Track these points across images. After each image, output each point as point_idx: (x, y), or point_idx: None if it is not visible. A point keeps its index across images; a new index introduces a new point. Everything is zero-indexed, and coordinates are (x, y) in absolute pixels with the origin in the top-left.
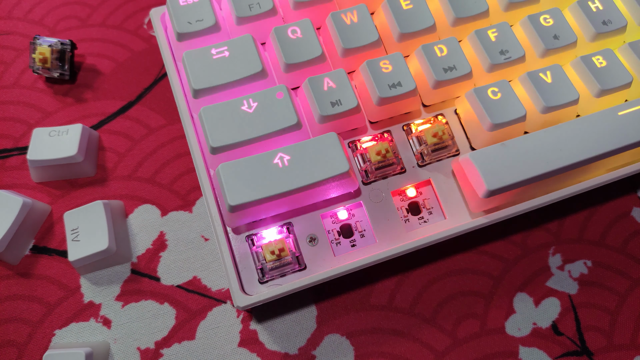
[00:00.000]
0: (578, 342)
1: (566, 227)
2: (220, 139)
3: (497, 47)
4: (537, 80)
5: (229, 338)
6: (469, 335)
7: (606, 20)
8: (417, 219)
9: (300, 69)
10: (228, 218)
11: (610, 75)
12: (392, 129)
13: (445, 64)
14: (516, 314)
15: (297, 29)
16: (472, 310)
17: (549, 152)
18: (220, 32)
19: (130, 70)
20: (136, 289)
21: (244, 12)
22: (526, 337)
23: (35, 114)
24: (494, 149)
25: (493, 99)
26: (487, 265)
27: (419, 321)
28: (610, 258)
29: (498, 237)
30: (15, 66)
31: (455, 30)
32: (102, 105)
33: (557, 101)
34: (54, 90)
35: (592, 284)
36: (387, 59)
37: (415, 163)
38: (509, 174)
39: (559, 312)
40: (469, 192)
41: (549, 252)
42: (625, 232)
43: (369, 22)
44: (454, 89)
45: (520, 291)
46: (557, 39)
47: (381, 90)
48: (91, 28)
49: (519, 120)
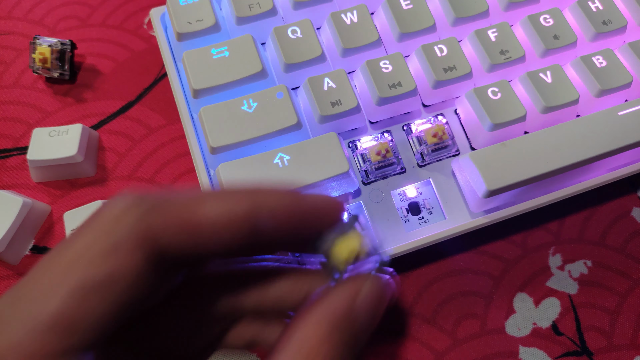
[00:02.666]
0: (578, 342)
1: (566, 227)
2: (220, 139)
3: (497, 47)
4: (537, 80)
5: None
6: (469, 335)
7: (606, 20)
8: (417, 219)
9: (300, 69)
10: None
11: (610, 75)
12: (392, 129)
13: (445, 64)
14: (516, 314)
15: (297, 29)
16: (472, 310)
17: (549, 152)
18: (220, 32)
19: (130, 70)
20: None
21: (244, 12)
22: (526, 337)
23: (35, 114)
24: (494, 149)
25: (493, 99)
26: (487, 265)
27: (419, 321)
28: (610, 258)
29: (498, 237)
30: (15, 66)
31: (455, 30)
32: (102, 105)
33: (557, 101)
34: (54, 90)
35: (592, 284)
36: (387, 59)
37: (415, 163)
38: (509, 174)
39: (559, 312)
40: (469, 192)
41: (549, 252)
42: (626, 232)
43: (369, 22)
44: (454, 89)
45: (520, 291)
46: (557, 38)
47: (381, 90)
48: (91, 28)
49: (519, 120)
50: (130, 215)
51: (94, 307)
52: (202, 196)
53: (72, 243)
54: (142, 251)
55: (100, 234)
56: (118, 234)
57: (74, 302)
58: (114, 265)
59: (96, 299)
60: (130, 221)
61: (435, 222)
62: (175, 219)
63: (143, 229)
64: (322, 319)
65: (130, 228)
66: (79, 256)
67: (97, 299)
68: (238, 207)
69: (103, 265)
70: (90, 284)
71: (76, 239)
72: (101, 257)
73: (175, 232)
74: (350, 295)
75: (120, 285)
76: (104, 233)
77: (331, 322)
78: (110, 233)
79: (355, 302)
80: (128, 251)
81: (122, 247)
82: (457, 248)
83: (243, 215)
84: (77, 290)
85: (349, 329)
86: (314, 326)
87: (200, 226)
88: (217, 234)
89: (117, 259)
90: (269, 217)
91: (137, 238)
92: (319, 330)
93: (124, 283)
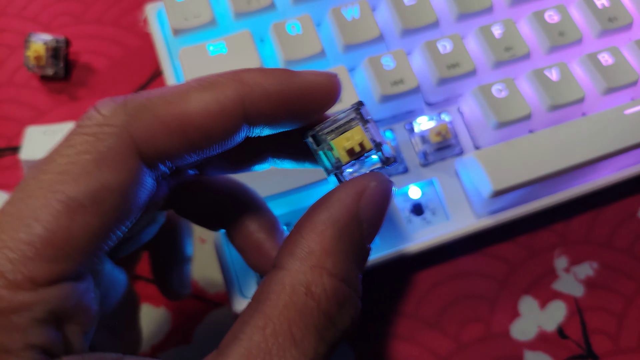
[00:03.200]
0: (584, 345)
1: (572, 228)
2: None
3: (502, 43)
4: (542, 78)
5: None
6: (473, 339)
7: (612, 17)
8: (420, 219)
9: (300, 66)
10: None
11: (616, 73)
12: (394, 127)
13: (448, 60)
14: (521, 317)
15: (296, 25)
16: (476, 314)
17: (555, 152)
18: (217, 28)
19: (126, 68)
20: None
21: (242, 7)
22: (531, 341)
23: (28, 113)
24: (500, 148)
25: (498, 97)
26: (492, 267)
27: (422, 325)
28: (617, 260)
29: (503, 238)
30: (9, 64)
31: (459, 26)
32: None
33: (562, 99)
34: (48, 88)
35: (599, 286)
36: (389, 56)
37: (418, 162)
38: (515, 174)
39: (565, 315)
40: (474, 193)
41: (554, 254)
42: (633, 234)
43: (370, 18)
44: (458, 86)
45: (525, 294)
46: (562, 35)
47: (383, 87)
48: (86, 25)
49: (524, 118)
50: (115, 120)
51: (87, 226)
52: (186, 88)
53: (55, 157)
54: (133, 157)
55: (85, 144)
56: (105, 142)
57: (63, 222)
58: (105, 176)
59: (88, 216)
60: (116, 127)
61: (438, 223)
62: (162, 117)
63: (131, 133)
64: (325, 229)
65: (117, 134)
66: (63, 170)
67: (89, 216)
68: (227, 91)
69: (93, 178)
70: (81, 199)
71: (59, 152)
72: (89, 169)
73: (164, 131)
74: (354, 200)
75: (114, 196)
76: (89, 143)
77: (335, 234)
78: (96, 142)
79: (359, 208)
80: (119, 159)
81: (112, 156)
82: (460, 250)
83: (233, 98)
84: (65, 209)
85: (354, 237)
86: (318, 237)
87: (190, 120)
88: (208, 126)
89: (108, 168)
90: (260, 98)
91: (127, 144)
92: (323, 243)
93: (119, 194)
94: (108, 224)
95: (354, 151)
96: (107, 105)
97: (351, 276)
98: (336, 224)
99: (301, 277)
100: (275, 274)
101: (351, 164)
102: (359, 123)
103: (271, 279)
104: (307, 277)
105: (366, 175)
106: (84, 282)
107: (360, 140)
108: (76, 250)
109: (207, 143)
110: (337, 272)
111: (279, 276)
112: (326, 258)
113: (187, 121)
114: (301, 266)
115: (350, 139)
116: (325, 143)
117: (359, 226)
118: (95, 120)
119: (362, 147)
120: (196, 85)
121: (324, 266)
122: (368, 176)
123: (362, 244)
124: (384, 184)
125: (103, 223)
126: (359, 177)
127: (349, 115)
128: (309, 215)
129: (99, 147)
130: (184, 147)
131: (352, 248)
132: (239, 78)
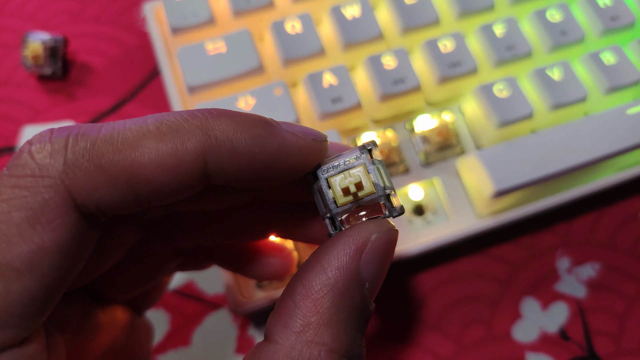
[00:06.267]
0: (586, 347)
1: (574, 229)
2: None
3: (504, 42)
4: (544, 77)
5: (226, 344)
6: (474, 341)
7: (614, 16)
8: (421, 220)
9: (300, 64)
10: None
11: (619, 72)
12: (395, 127)
13: (450, 59)
14: (523, 319)
15: (296, 23)
16: (477, 315)
17: (557, 152)
18: (216, 27)
19: (124, 67)
20: None
21: (241, 5)
22: (533, 343)
23: (26, 112)
24: (501, 148)
25: (499, 96)
26: (493, 268)
27: (423, 326)
28: (619, 261)
29: (504, 239)
30: (6, 63)
31: (460, 24)
32: (95, 102)
33: (565, 98)
34: (46, 88)
35: (601, 287)
36: (390, 55)
37: (419, 162)
38: (517, 174)
39: (567, 316)
40: (476, 193)
41: (556, 255)
42: (635, 234)
43: (370, 16)
44: (459, 85)
45: (527, 295)
46: (564, 34)
47: (383, 86)
48: (84, 24)
49: (525, 118)
50: (50, 170)
51: (25, 291)
52: (142, 133)
53: None
54: (71, 212)
55: (16, 200)
56: (39, 196)
57: None
58: (41, 236)
59: (26, 281)
60: (51, 179)
61: (439, 224)
62: (107, 168)
63: (68, 185)
64: (322, 296)
65: (53, 187)
66: None
67: (27, 281)
68: (188, 143)
69: (27, 239)
70: (16, 265)
71: None
72: (22, 229)
73: (108, 184)
74: (353, 259)
75: (52, 257)
76: (21, 198)
77: (334, 301)
78: (28, 197)
79: (359, 266)
80: (54, 215)
81: (47, 212)
82: (462, 251)
83: (194, 153)
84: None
85: (355, 302)
86: (314, 306)
87: (139, 172)
88: (161, 182)
89: (42, 227)
90: (227, 156)
91: (63, 198)
92: (320, 314)
93: (57, 254)
94: (49, 285)
95: (348, 190)
96: (43, 150)
97: (354, 347)
98: (335, 288)
99: (296, 354)
100: (266, 349)
101: (347, 207)
102: (364, 162)
103: (261, 354)
104: (302, 355)
105: (367, 225)
106: (32, 345)
107: (359, 180)
108: (16, 317)
109: (157, 199)
110: (337, 346)
111: (270, 351)
112: (324, 331)
113: (136, 173)
114: (296, 341)
115: (348, 177)
116: (323, 180)
117: (361, 288)
118: (30, 170)
119: (358, 188)
120: (154, 130)
121: (323, 341)
122: (369, 226)
123: (364, 306)
124: (387, 234)
125: (43, 285)
126: (358, 227)
127: (355, 153)
128: (302, 278)
129: (32, 203)
130: (130, 202)
131: (353, 314)
132: (206, 128)
